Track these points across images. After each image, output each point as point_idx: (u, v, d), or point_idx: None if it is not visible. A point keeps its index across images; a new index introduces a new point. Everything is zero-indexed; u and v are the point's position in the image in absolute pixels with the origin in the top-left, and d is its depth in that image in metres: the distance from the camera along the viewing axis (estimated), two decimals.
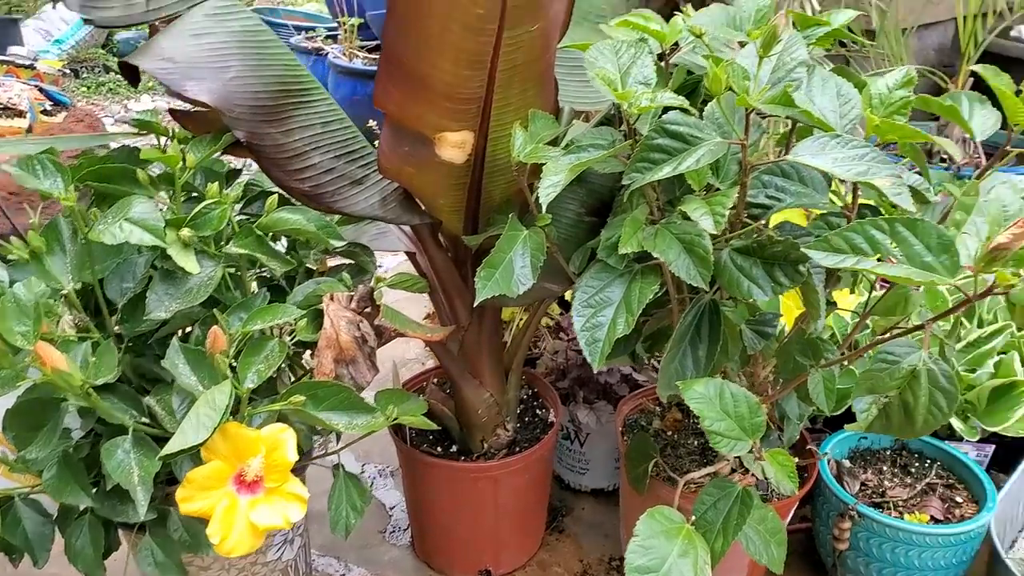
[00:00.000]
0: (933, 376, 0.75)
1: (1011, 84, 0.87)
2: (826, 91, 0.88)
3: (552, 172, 0.83)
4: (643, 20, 0.96)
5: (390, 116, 0.95)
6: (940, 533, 1.15)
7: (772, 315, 0.99)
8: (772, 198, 0.88)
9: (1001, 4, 2.51)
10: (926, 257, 0.70)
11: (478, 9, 0.82)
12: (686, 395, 0.86)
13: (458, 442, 1.31)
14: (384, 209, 1.04)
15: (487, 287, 0.86)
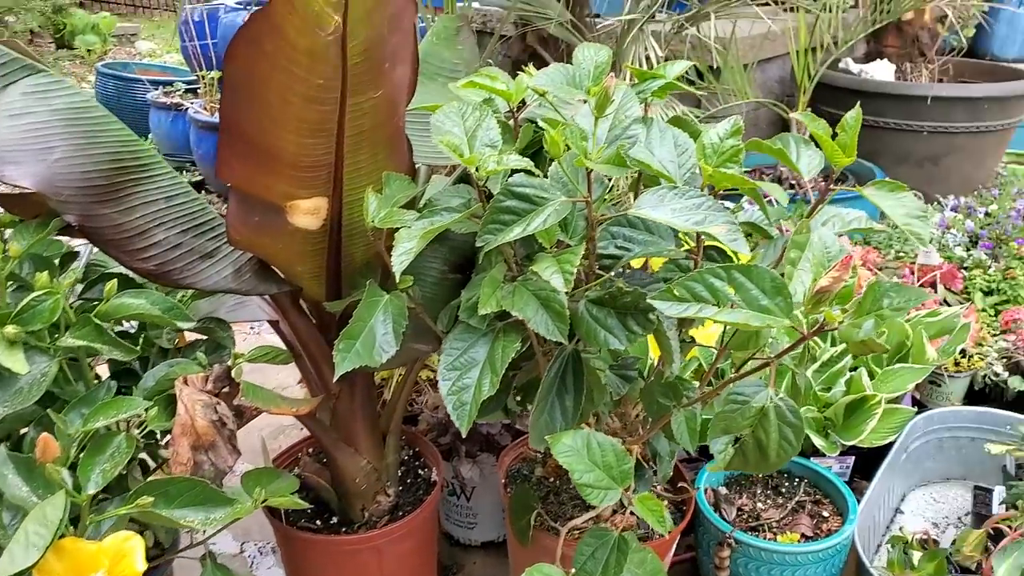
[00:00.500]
0: (780, 413, 0.78)
1: (827, 128, 0.94)
2: (664, 142, 0.93)
3: (405, 239, 0.82)
4: (489, 80, 0.97)
5: (236, 187, 0.92)
6: (809, 551, 1.21)
7: (633, 359, 1.02)
8: (622, 248, 0.91)
9: (827, 39, 2.73)
10: (762, 300, 0.74)
11: (318, 79, 0.81)
12: (555, 449, 0.86)
13: (338, 513, 1.27)
14: (239, 281, 1.01)
15: (347, 359, 0.85)
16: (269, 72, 0.80)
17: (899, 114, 2.71)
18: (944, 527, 1.51)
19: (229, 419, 0.92)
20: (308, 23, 0.76)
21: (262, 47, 0.78)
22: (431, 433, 1.47)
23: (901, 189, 0.93)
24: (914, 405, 1.61)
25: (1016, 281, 1.91)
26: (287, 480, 1.03)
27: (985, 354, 1.69)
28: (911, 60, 3.03)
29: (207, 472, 0.91)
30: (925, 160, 2.78)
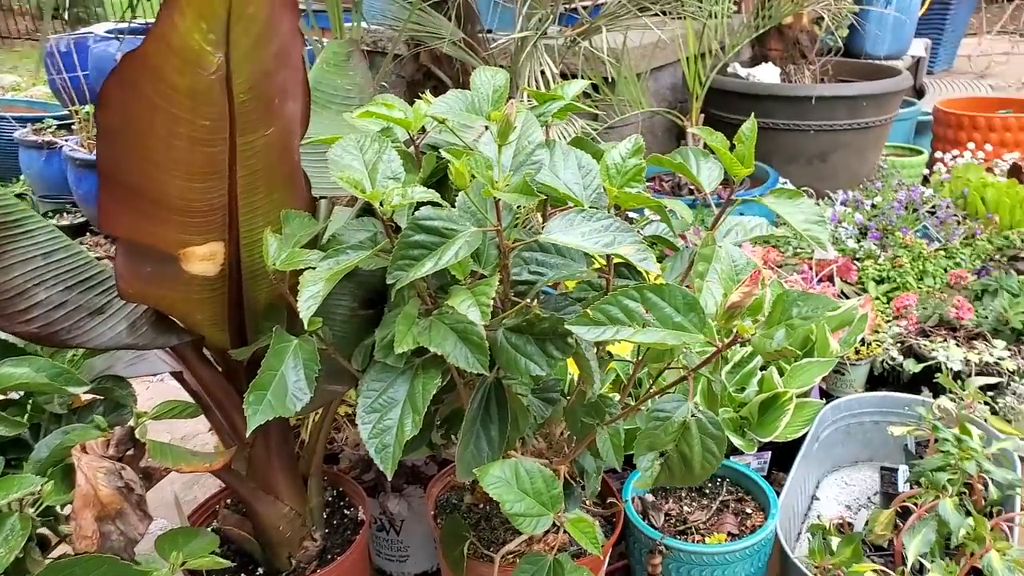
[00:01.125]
0: (702, 425, 0.79)
1: (725, 141, 0.96)
2: (568, 165, 0.93)
3: (311, 282, 0.79)
4: (385, 108, 0.95)
5: (123, 237, 0.87)
6: (737, 549, 1.23)
7: (555, 380, 1.01)
8: (535, 273, 0.91)
9: (715, 45, 2.83)
10: (676, 318, 0.75)
11: (203, 120, 0.77)
12: (484, 481, 0.85)
13: (263, 564, 1.21)
14: (135, 336, 0.95)
15: (259, 412, 0.81)
16: (149, 115, 0.76)
17: (787, 115, 2.83)
18: (856, 509, 1.58)
19: (136, 483, 0.87)
20: (188, 63, 0.73)
21: (139, 89, 0.73)
22: (354, 471, 1.42)
23: (798, 196, 0.96)
24: (821, 396, 1.68)
25: (904, 269, 2.02)
26: (206, 538, 0.98)
27: (882, 340, 1.78)
28: (794, 62, 3.17)
29: (115, 543, 0.85)
30: (814, 158, 2.91)
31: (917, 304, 1.85)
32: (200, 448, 1.82)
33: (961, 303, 1.76)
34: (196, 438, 1.96)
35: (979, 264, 2.09)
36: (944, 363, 1.64)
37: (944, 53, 5.59)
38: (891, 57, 4.15)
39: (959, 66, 5.87)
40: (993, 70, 5.62)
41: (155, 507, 0.95)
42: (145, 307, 0.96)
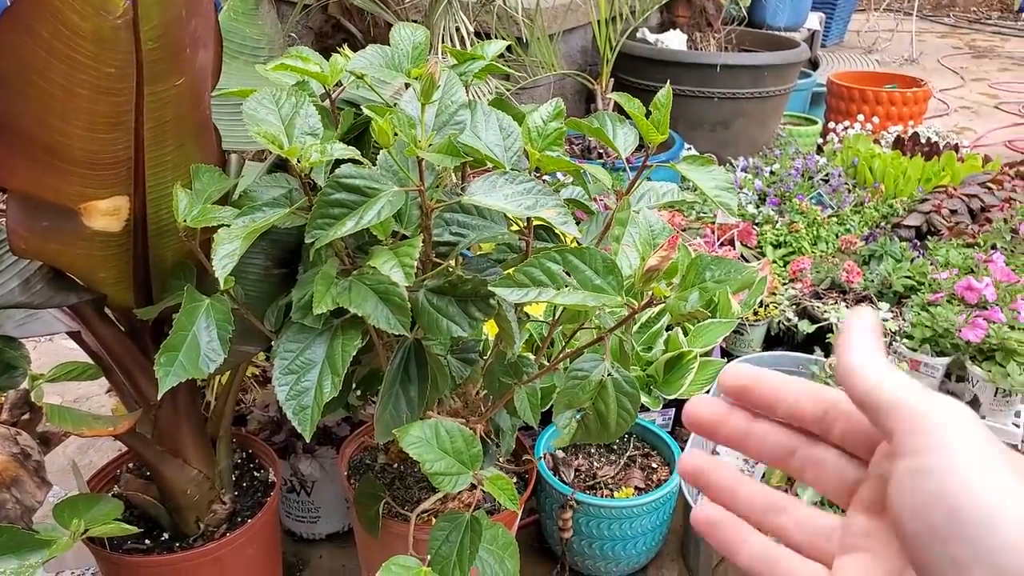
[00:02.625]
0: (618, 384, 0.82)
1: (641, 107, 0.98)
2: (490, 126, 0.92)
3: (226, 240, 0.77)
4: (301, 62, 0.92)
5: (16, 190, 0.81)
6: (644, 502, 1.29)
7: (474, 341, 1.02)
8: (457, 234, 0.91)
9: (626, 10, 2.85)
10: (596, 280, 0.76)
11: (108, 68, 0.73)
12: (403, 442, 0.85)
13: (169, 528, 1.18)
14: (28, 294, 0.89)
15: (170, 374, 0.78)
16: (47, 60, 0.70)
17: (692, 82, 2.90)
18: (754, 463, 1.67)
19: (34, 449, 0.83)
20: (91, 5, 0.68)
21: (37, 33, 0.68)
22: (263, 432, 1.40)
23: (709, 163, 0.99)
24: (722, 355, 1.76)
25: (800, 234, 2.12)
26: (109, 504, 0.94)
27: (779, 302, 1.87)
28: (700, 30, 3.24)
29: (11, 512, 0.81)
30: (717, 124, 3.00)
31: (811, 268, 1.95)
32: (96, 411, 1.74)
33: (851, 267, 1.87)
34: (90, 400, 1.88)
35: (867, 230, 2.22)
36: (835, 324, 1.74)
37: (836, 27, 5.84)
38: (789, 29, 4.30)
39: (849, 40, 6.15)
40: (880, 45, 5.91)
41: (49, 473, 0.90)
42: (40, 264, 0.90)
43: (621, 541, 1.32)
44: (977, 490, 0.26)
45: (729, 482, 0.36)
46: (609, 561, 1.35)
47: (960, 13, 7.76)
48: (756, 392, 0.35)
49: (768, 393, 0.35)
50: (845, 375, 0.31)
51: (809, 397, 0.34)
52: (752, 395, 0.35)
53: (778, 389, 0.34)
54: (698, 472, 0.37)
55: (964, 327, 1.56)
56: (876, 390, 0.30)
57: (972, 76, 5.31)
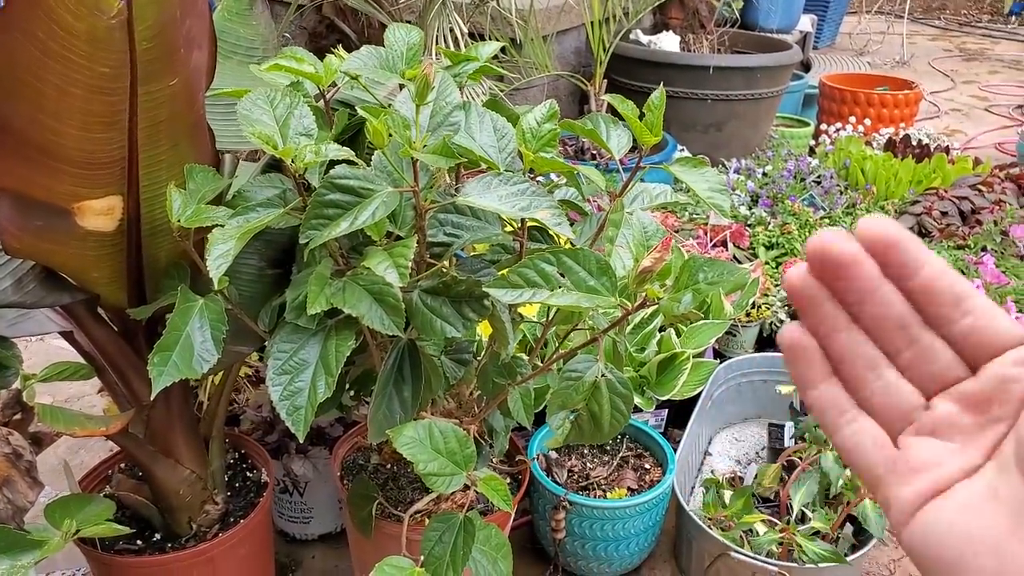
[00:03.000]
0: (611, 385, 0.82)
1: (635, 109, 0.98)
2: (484, 128, 0.93)
3: (220, 240, 0.76)
4: (295, 62, 0.92)
5: (9, 189, 0.81)
6: (636, 503, 1.29)
7: (468, 342, 1.02)
8: (451, 235, 0.91)
9: (619, 11, 2.86)
10: (590, 281, 0.77)
11: (102, 67, 0.73)
12: (397, 443, 0.85)
13: (161, 529, 1.18)
14: (21, 294, 0.89)
15: (164, 373, 0.78)
16: (41, 60, 0.70)
17: (686, 83, 2.91)
18: (746, 463, 1.68)
19: (26, 449, 0.82)
20: (86, 5, 0.68)
21: (31, 32, 0.68)
22: (256, 432, 1.40)
23: (702, 165, 0.99)
24: (715, 356, 1.76)
25: (792, 235, 2.13)
26: (100, 504, 0.94)
27: (771, 304, 1.88)
28: (693, 31, 3.25)
29: (3, 512, 0.80)
30: (710, 126, 3.01)
31: None
32: (87, 411, 1.73)
33: None
34: (82, 400, 1.87)
35: None
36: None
37: (828, 30, 5.86)
38: (781, 31, 4.32)
39: (841, 43, 6.17)
40: (871, 48, 5.94)
41: (40, 473, 0.90)
42: (33, 263, 0.90)
43: (614, 542, 1.32)
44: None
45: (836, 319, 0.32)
46: (602, 562, 1.36)
47: (951, 16, 7.81)
48: (902, 250, 0.30)
49: (913, 255, 0.30)
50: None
51: (950, 278, 0.31)
52: (896, 252, 0.31)
53: (924, 256, 0.31)
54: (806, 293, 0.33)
55: None
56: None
57: (963, 79, 5.35)
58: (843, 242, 0.31)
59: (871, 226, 0.31)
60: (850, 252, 0.31)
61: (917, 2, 7.93)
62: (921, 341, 0.31)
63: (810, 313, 0.33)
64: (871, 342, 0.32)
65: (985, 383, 0.30)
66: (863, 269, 0.31)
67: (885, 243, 0.31)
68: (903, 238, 0.31)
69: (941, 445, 0.31)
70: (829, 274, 0.32)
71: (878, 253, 0.31)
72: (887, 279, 0.31)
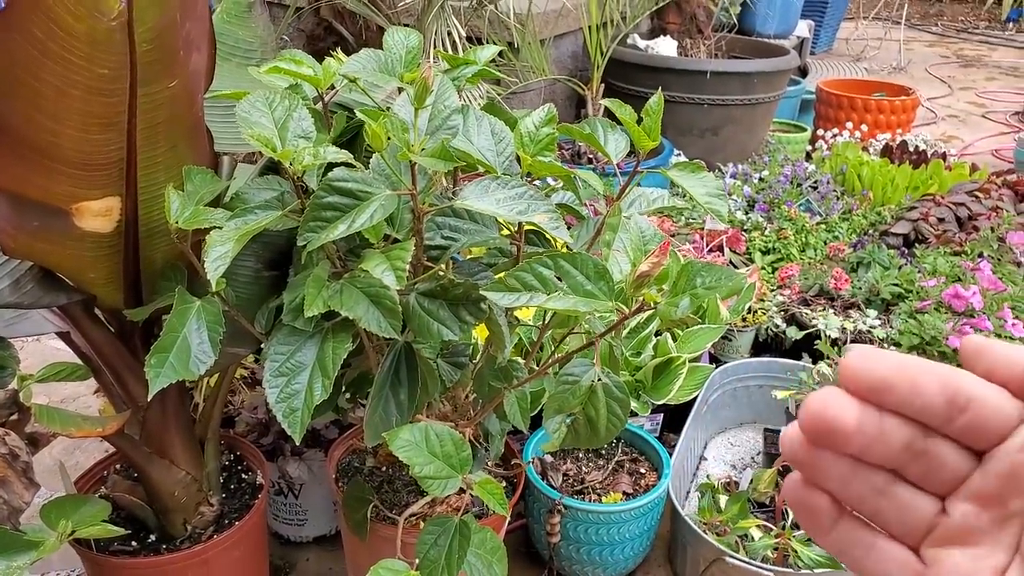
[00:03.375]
0: (608, 389, 0.83)
1: (633, 114, 0.99)
2: (482, 131, 0.93)
3: (218, 242, 0.77)
4: (294, 65, 0.93)
5: (6, 190, 0.81)
6: (631, 508, 1.29)
7: (464, 345, 1.02)
8: (448, 238, 0.91)
9: (616, 16, 2.87)
10: (587, 285, 0.77)
11: (101, 69, 0.73)
12: (393, 445, 0.85)
13: (156, 530, 1.18)
14: (18, 294, 0.89)
15: (161, 375, 0.78)
16: (40, 61, 0.70)
17: (683, 88, 2.91)
18: (741, 468, 1.68)
19: (22, 450, 0.82)
20: (86, 7, 0.68)
21: (30, 33, 0.68)
22: (251, 434, 1.40)
23: (700, 170, 1.00)
24: (711, 361, 1.77)
25: (788, 240, 2.14)
26: (96, 505, 0.94)
27: (767, 309, 1.88)
28: (690, 36, 3.25)
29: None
30: (706, 131, 3.02)
31: (799, 275, 1.96)
32: (82, 411, 1.73)
33: (839, 274, 1.88)
34: (77, 400, 1.87)
35: (855, 238, 2.23)
36: (823, 331, 1.75)
37: (825, 35, 5.88)
38: (779, 36, 4.33)
39: (838, 48, 6.20)
40: (868, 54, 5.95)
41: (35, 474, 0.90)
42: (30, 264, 0.90)
43: (609, 546, 1.32)
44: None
45: (835, 471, 0.31)
46: (597, 566, 1.36)
47: (948, 22, 7.84)
48: (899, 388, 0.29)
49: (907, 387, 0.29)
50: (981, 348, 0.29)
51: (938, 382, 0.29)
52: (893, 393, 0.29)
53: (916, 380, 0.29)
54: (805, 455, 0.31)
55: (952, 335, 1.57)
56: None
57: (960, 85, 5.37)
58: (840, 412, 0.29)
59: (860, 366, 0.29)
60: (851, 421, 0.29)
61: (914, 8, 7.96)
62: (927, 451, 0.30)
63: (811, 474, 0.32)
64: (877, 472, 0.31)
65: (996, 477, 0.29)
66: (866, 429, 0.29)
67: (881, 384, 0.29)
68: (899, 368, 0.29)
69: (967, 554, 0.29)
70: (828, 443, 0.30)
71: (876, 395, 0.29)
72: (887, 415, 0.30)
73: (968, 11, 8.29)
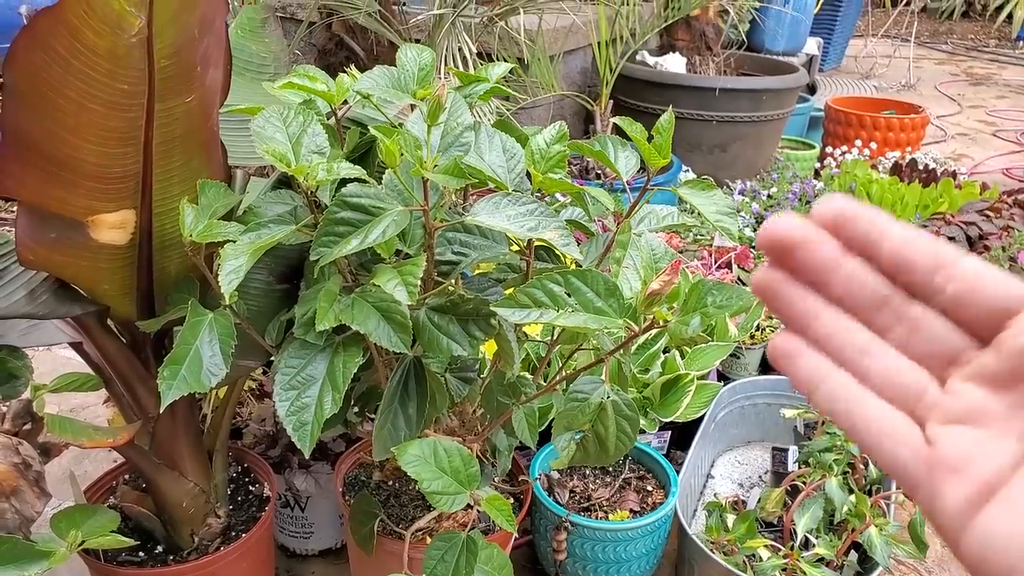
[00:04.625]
0: (617, 407, 0.83)
1: (643, 131, 0.99)
2: (493, 148, 0.94)
3: (232, 255, 0.77)
4: (308, 81, 0.94)
5: (25, 202, 0.82)
6: (638, 526, 1.29)
7: (473, 360, 1.03)
8: (459, 253, 0.92)
9: (626, 32, 2.88)
10: (597, 303, 0.77)
11: (121, 84, 0.74)
12: (402, 460, 0.86)
13: (163, 541, 1.18)
14: (34, 305, 0.90)
15: (173, 387, 0.78)
16: (62, 76, 0.71)
17: (691, 104, 2.92)
18: (749, 487, 1.67)
19: (34, 459, 0.83)
20: (108, 24, 0.69)
21: (53, 49, 0.69)
22: (259, 446, 1.40)
23: (710, 187, 1.00)
24: (719, 378, 1.77)
25: None
26: (106, 516, 0.94)
27: (775, 326, 1.88)
28: (699, 53, 3.27)
29: (10, 522, 0.81)
30: (715, 147, 3.03)
31: None
32: (92, 421, 1.74)
33: None
34: (86, 410, 1.88)
35: None
36: None
37: (834, 52, 5.90)
38: (788, 53, 4.34)
39: (847, 66, 6.21)
40: (877, 71, 5.97)
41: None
42: (46, 275, 0.91)
43: (615, 564, 1.32)
44: None
45: (807, 305, 0.30)
46: None
47: (957, 40, 7.85)
48: (859, 222, 0.29)
49: (873, 226, 0.29)
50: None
51: (922, 245, 0.28)
52: (854, 225, 0.29)
53: (885, 226, 0.29)
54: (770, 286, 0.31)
55: None
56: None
57: (969, 103, 5.37)
58: (791, 224, 0.29)
59: (824, 204, 0.29)
60: (800, 232, 0.29)
61: (924, 26, 7.98)
62: (909, 316, 0.29)
63: (779, 306, 0.31)
64: (855, 325, 0.30)
65: (1006, 358, 0.27)
66: (818, 247, 0.29)
67: (840, 218, 0.29)
68: (860, 211, 0.29)
69: (976, 434, 0.27)
70: (787, 262, 0.30)
71: (835, 230, 0.29)
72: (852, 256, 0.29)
73: (978, 29, 8.30)
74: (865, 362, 0.30)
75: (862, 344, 0.30)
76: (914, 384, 0.29)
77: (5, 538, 0.73)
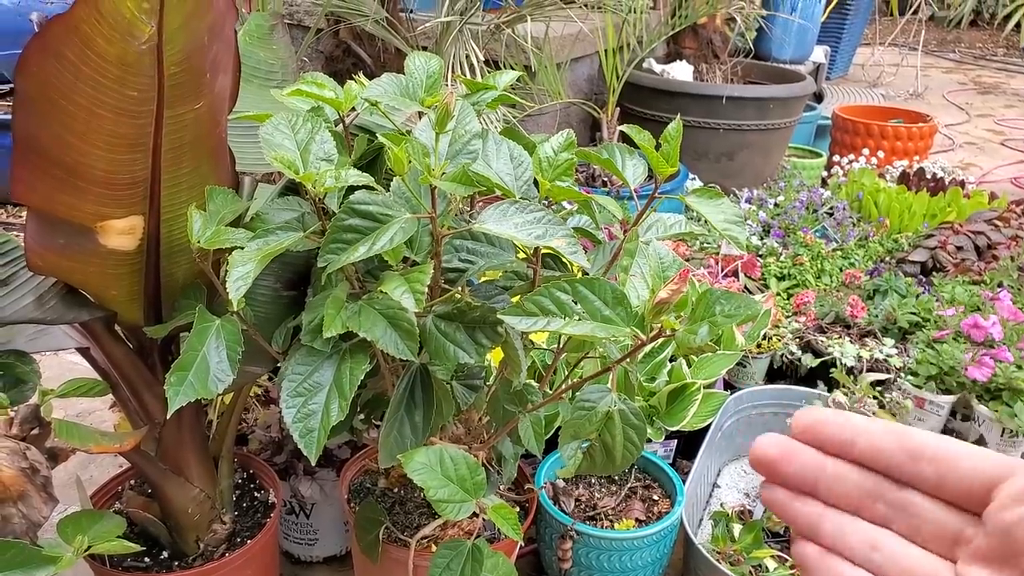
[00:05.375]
0: (625, 416, 0.82)
1: (651, 139, 0.99)
2: (500, 155, 0.94)
3: (240, 262, 0.77)
4: (316, 88, 0.94)
5: (35, 208, 0.83)
6: (644, 535, 1.28)
7: (479, 368, 1.02)
8: (466, 261, 0.91)
9: (633, 40, 2.89)
10: (604, 311, 0.77)
11: (131, 91, 0.74)
12: (408, 468, 0.85)
13: (169, 547, 1.18)
14: (42, 310, 0.90)
15: (180, 393, 0.79)
16: (72, 83, 0.72)
17: (698, 112, 2.92)
18: (755, 496, 1.66)
19: (42, 464, 0.83)
20: (118, 31, 0.69)
21: (64, 56, 0.70)
22: (265, 452, 1.40)
23: (718, 196, 1.00)
24: (725, 387, 1.76)
25: (804, 267, 2.13)
26: (112, 521, 0.94)
27: (782, 335, 1.88)
28: (706, 61, 3.27)
29: (18, 527, 0.81)
30: (722, 155, 3.02)
31: (815, 301, 1.95)
32: (98, 426, 1.74)
33: (855, 302, 1.87)
34: (92, 415, 1.88)
35: (871, 265, 2.22)
36: (839, 359, 1.74)
37: (841, 61, 5.89)
38: (795, 62, 4.34)
39: (854, 74, 6.20)
40: (884, 80, 5.96)
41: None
42: (54, 280, 0.91)
43: (621, 573, 1.31)
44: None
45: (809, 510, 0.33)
46: None
47: (965, 49, 7.84)
48: (828, 427, 0.32)
49: (842, 429, 0.31)
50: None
51: (891, 436, 0.31)
52: (824, 430, 0.32)
53: (854, 426, 0.31)
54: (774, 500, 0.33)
55: (970, 365, 1.56)
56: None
57: (977, 112, 5.35)
58: (770, 442, 0.33)
59: (800, 417, 0.32)
60: (777, 447, 0.32)
61: (931, 34, 7.97)
62: (905, 503, 0.31)
63: (787, 516, 0.33)
64: (860, 523, 0.32)
65: (997, 538, 0.29)
66: (797, 457, 0.32)
67: (814, 427, 0.32)
68: (830, 416, 0.32)
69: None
70: (776, 476, 0.33)
71: (812, 439, 0.32)
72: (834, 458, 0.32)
73: (986, 38, 8.29)
74: (877, 559, 0.31)
75: (871, 539, 0.32)
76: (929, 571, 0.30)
77: (12, 543, 0.73)
